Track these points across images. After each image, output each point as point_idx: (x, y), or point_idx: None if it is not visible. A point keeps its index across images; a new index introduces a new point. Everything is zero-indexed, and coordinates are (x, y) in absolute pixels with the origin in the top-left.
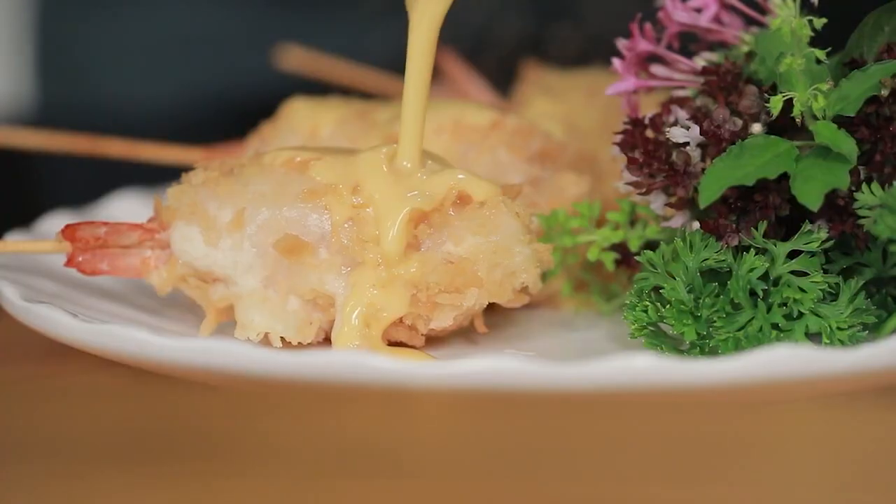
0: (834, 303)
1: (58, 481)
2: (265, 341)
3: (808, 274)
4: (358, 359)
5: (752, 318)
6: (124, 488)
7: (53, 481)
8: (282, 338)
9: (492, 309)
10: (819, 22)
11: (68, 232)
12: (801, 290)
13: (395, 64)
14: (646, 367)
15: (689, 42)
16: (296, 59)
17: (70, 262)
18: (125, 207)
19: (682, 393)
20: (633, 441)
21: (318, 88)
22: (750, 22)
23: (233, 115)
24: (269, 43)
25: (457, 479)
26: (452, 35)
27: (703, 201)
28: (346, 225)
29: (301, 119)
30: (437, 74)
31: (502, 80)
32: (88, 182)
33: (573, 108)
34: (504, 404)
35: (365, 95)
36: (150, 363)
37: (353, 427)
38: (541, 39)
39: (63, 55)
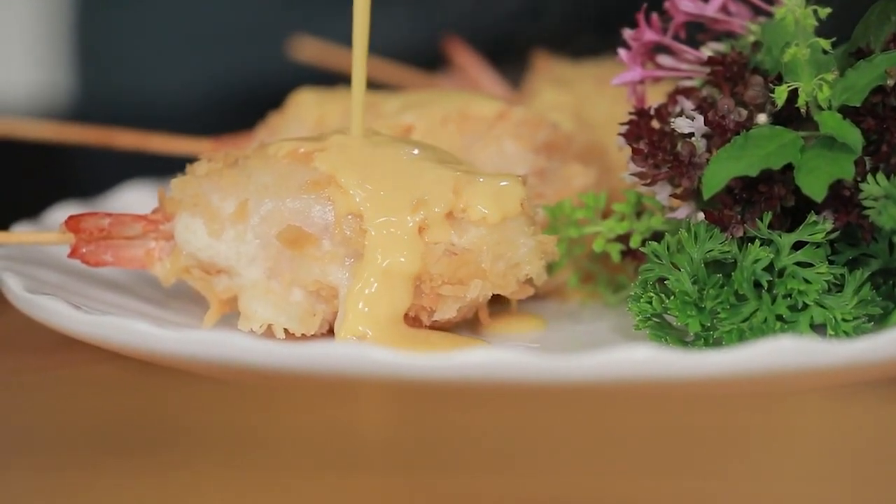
0: (839, 294)
1: (58, 473)
2: (269, 333)
3: (814, 265)
4: (357, 351)
5: (757, 309)
6: (125, 479)
7: (54, 472)
8: (285, 329)
9: (498, 301)
10: (824, 11)
11: (72, 223)
12: (806, 281)
13: (407, 55)
14: (646, 358)
15: (696, 32)
16: (311, 50)
17: (73, 253)
18: (135, 199)
19: (682, 385)
20: (633, 434)
21: (334, 79)
22: (758, 12)
23: (255, 106)
24: (285, 34)
25: (449, 472)
26: (463, 26)
27: (707, 192)
28: (349, 216)
29: (308, 110)
30: (448, 65)
31: (514, 70)
32: (117, 174)
33: (582, 98)
34: (505, 396)
35: (375, 86)
36: (151, 355)
37: (354, 420)
38: (553, 30)
39: (93, 47)
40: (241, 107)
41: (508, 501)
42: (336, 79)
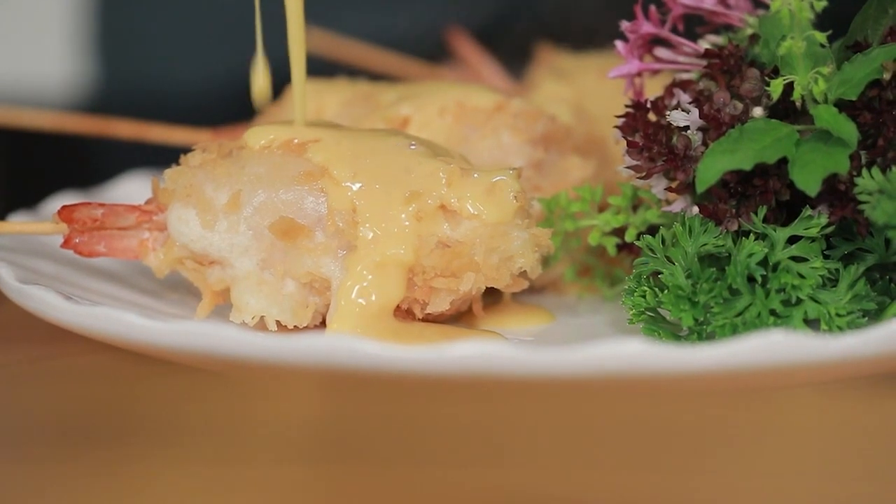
0: (833, 289)
1: (46, 464)
2: (261, 325)
3: (808, 260)
4: (346, 343)
5: (751, 304)
6: (115, 470)
7: (28, 464)
8: (277, 321)
9: (494, 294)
10: (820, 4)
11: (65, 213)
12: (800, 275)
13: (414, 46)
14: (635, 353)
15: (695, 24)
16: (316, 41)
17: (66, 243)
18: (134, 189)
19: (672, 379)
20: (623, 428)
21: (346, 71)
22: (757, 4)
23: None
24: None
25: (437, 466)
26: (468, 18)
27: (701, 186)
28: (342, 208)
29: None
30: (451, 57)
31: (518, 62)
32: (134, 165)
33: (584, 90)
34: (494, 389)
35: (377, 77)
36: (139, 346)
37: (337, 413)
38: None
39: (116, 39)
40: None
41: (497, 495)
42: (343, 70)
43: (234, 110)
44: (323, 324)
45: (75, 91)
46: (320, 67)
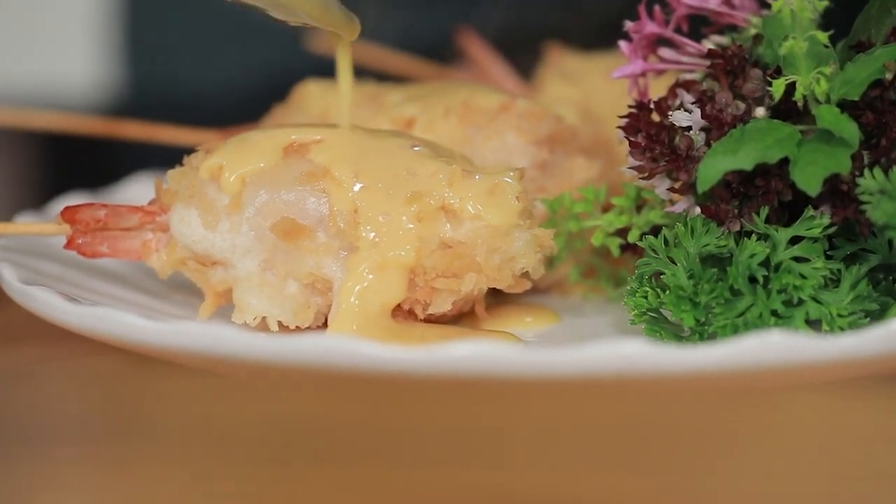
0: (835, 289)
1: (49, 465)
2: (263, 325)
3: (810, 260)
4: (345, 344)
5: (752, 304)
6: (118, 471)
7: (46, 464)
8: (279, 322)
9: (498, 295)
10: (821, 4)
11: (68, 214)
12: (802, 276)
13: (424, 47)
14: (633, 353)
15: (701, 24)
16: (328, 42)
17: (70, 244)
18: (143, 191)
19: (670, 380)
20: (621, 428)
21: (354, 72)
22: (763, 5)
23: (276, 97)
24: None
25: (435, 466)
26: (478, 18)
27: (702, 186)
28: (343, 208)
29: (312, 102)
30: (461, 57)
31: (529, 63)
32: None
33: (591, 91)
34: (493, 390)
35: (386, 78)
36: (140, 347)
37: (334, 413)
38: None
39: (140, 42)
40: (276, 98)
41: (499, 495)
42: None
43: (248, 111)
44: (325, 324)
45: (97, 93)
46: (328, 68)
